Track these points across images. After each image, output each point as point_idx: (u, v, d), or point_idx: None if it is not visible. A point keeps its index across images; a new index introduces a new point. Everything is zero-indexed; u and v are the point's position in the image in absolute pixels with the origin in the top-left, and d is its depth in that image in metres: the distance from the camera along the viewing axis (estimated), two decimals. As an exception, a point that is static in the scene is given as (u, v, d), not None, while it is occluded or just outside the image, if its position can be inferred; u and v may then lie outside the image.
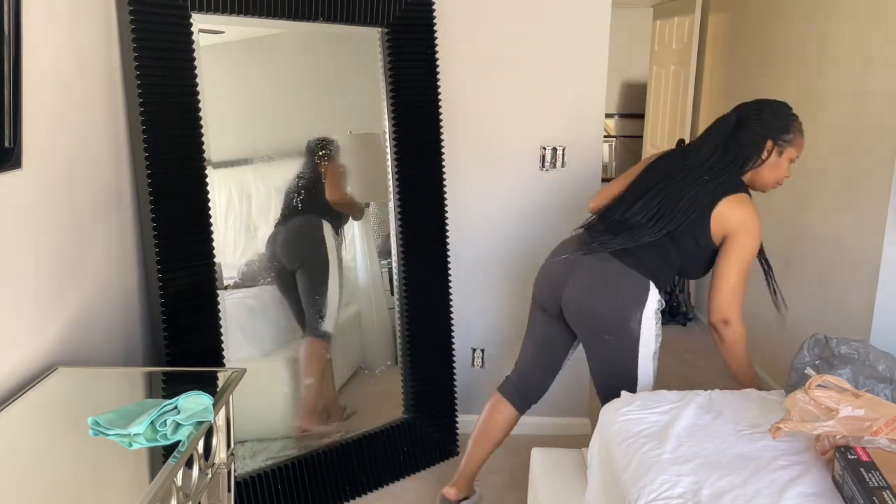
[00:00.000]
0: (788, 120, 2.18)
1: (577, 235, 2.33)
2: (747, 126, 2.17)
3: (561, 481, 2.24)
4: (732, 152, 2.16)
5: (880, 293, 2.76)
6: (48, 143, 1.77)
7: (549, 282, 2.34)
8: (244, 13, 2.34)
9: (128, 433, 1.41)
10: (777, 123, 2.17)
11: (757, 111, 2.21)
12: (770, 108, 2.23)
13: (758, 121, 2.18)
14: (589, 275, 2.22)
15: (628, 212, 2.18)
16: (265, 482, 2.49)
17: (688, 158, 2.21)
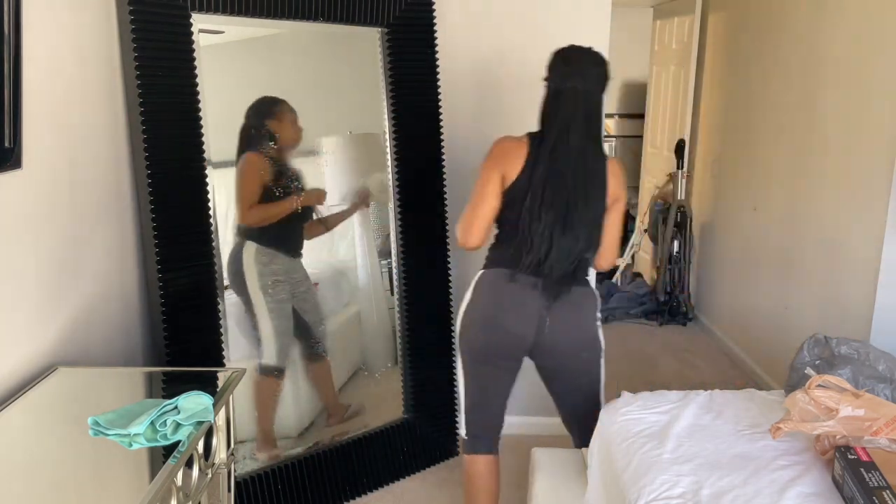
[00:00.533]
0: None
1: (520, 284, 2.05)
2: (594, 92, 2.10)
3: (561, 481, 2.24)
4: (595, 123, 2.11)
5: (880, 293, 2.76)
6: (48, 143, 1.77)
7: (513, 339, 2.10)
8: (244, 13, 2.34)
9: (128, 433, 1.41)
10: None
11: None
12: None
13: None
14: (567, 313, 2.09)
15: (563, 238, 2.00)
16: (265, 482, 2.49)
17: (562, 154, 2.03)
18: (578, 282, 2.11)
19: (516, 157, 2.02)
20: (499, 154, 2.05)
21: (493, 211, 2.04)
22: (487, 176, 2.03)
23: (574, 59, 2.07)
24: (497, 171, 2.02)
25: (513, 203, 2.03)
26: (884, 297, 2.75)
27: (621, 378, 3.88)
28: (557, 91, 2.06)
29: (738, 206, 4.21)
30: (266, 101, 2.52)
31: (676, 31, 5.08)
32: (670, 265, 4.76)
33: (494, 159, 2.05)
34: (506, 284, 2.05)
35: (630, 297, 4.94)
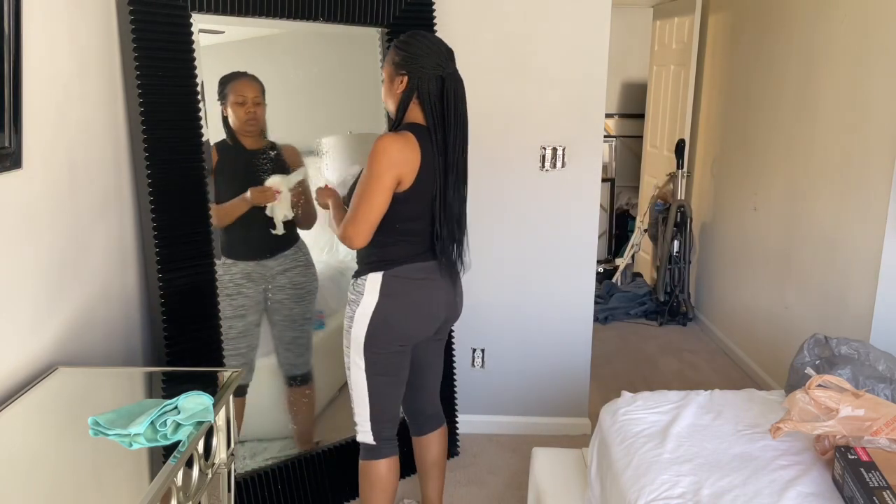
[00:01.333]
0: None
1: (431, 272, 2.11)
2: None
3: (561, 481, 2.24)
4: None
5: (880, 293, 2.76)
6: (48, 143, 1.76)
7: (435, 322, 2.19)
8: (244, 13, 2.34)
9: (128, 433, 1.41)
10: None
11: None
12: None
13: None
14: (460, 287, 2.25)
15: (460, 226, 2.14)
16: (265, 482, 2.49)
17: (451, 146, 2.04)
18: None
19: (412, 157, 1.98)
20: (395, 157, 1.96)
21: (383, 214, 2.01)
22: (384, 179, 1.95)
23: (442, 48, 2.02)
24: (394, 173, 1.96)
25: (416, 201, 2.03)
26: (884, 297, 2.76)
27: (621, 378, 3.88)
28: (441, 77, 1.99)
29: (738, 206, 4.21)
30: (221, 80, 2.37)
31: (676, 31, 5.08)
32: (670, 265, 4.76)
33: (391, 162, 1.96)
34: (422, 275, 2.10)
35: (630, 297, 4.94)
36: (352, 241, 2.01)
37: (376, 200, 1.97)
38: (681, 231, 4.71)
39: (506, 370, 3.20)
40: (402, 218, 2.04)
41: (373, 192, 1.97)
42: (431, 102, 2.00)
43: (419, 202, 2.04)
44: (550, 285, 3.12)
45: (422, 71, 1.99)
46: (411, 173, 1.98)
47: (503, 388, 3.21)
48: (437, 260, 2.10)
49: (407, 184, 1.99)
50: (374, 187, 1.96)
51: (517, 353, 3.18)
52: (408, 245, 2.08)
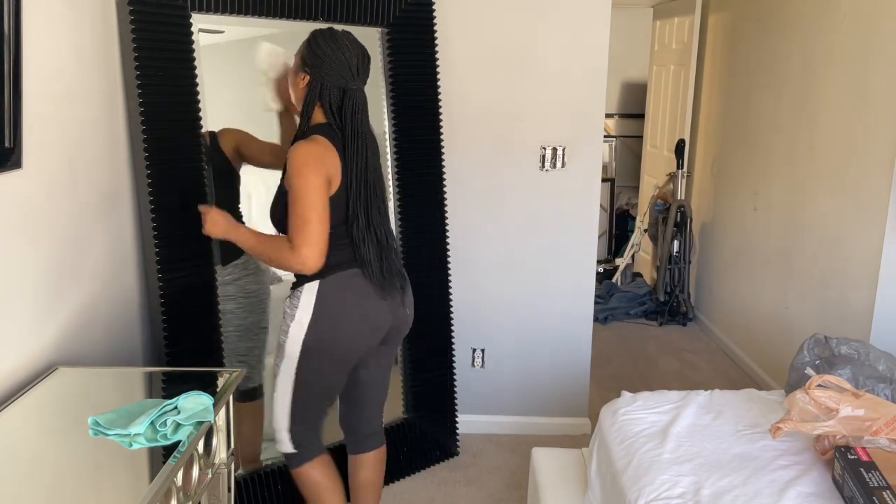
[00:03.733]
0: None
1: (370, 279, 2.00)
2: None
3: (561, 481, 2.24)
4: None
5: (880, 293, 2.76)
6: (48, 143, 1.77)
7: (373, 329, 2.05)
8: (244, 13, 2.34)
9: (128, 433, 1.41)
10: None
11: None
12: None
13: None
14: (408, 295, 2.15)
15: (386, 230, 2.05)
16: (265, 482, 2.49)
17: (361, 150, 1.98)
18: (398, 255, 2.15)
19: (334, 158, 1.91)
20: (319, 161, 1.88)
21: (328, 223, 1.92)
22: (318, 187, 1.86)
23: (353, 58, 1.93)
24: (324, 177, 1.88)
25: (337, 207, 1.94)
26: (884, 297, 2.76)
27: (621, 378, 3.88)
28: (344, 91, 1.93)
29: (738, 206, 4.21)
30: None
31: (676, 31, 5.08)
32: (670, 265, 4.76)
33: (318, 168, 1.87)
34: (360, 283, 1.99)
35: (630, 297, 4.94)
36: (307, 263, 1.86)
37: (321, 211, 1.86)
38: (681, 231, 4.71)
39: (506, 370, 3.20)
40: (336, 221, 1.94)
41: (314, 204, 1.85)
42: (332, 111, 1.94)
43: (343, 205, 1.96)
44: (550, 285, 3.12)
45: (324, 77, 1.92)
46: (337, 175, 1.92)
47: (503, 388, 3.21)
48: (369, 266, 1.99)
49: (334, 187, 1.92)
50: (313, 198, 1.85)
51: (517, 353, 3.18)
52: (344, 250, 1.98)
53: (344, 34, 1.96)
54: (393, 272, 2.06)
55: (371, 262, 1.99)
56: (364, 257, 1.98)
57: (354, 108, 1.95)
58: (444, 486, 2.82)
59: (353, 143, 1.94)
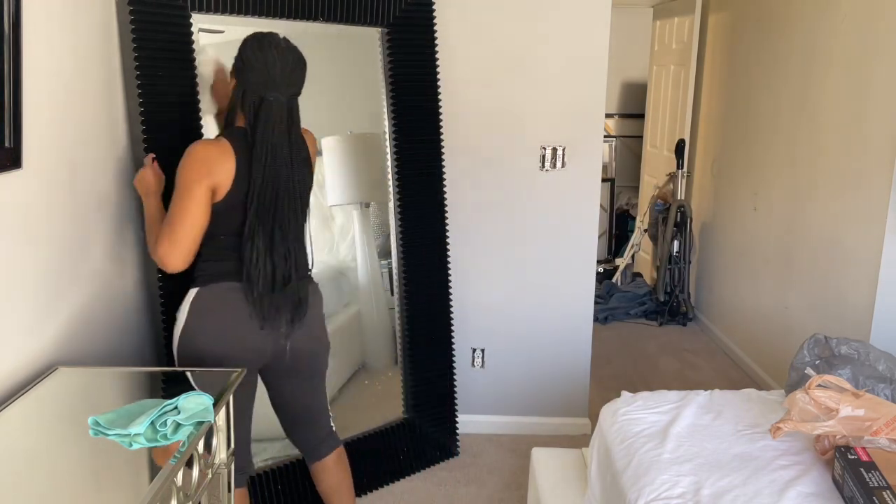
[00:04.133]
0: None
1: (241, 294, 1.89)
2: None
3: (561, 481, 2.24)
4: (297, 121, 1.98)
5: (880, 293, 2.76)
6: (48, 143, 1.76)
7: (255, 354, 1.95)
8: (244, 13, 2.34)
9: (128, 433, 1.41)
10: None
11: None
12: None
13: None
14: (307, 316, 2.01)
15: (284, 249, 1.91)
16: (265, 482, 2.49)
17: (271, 164, 1.88)
18: (309, 280, 2.04)
19: (226, 165, 1.84)
20: (205, 165, 1.82)
21: (203, 229, 1.85)
22: (194, 191, 1.80)
23: (276, 65, 1.86)
24: (206, 182, 1.81)
25: (235, 213, 1.87)
26: (884, 297, 2.76)
27: (621, 378, 3.88)
28: (262, 98, 1.86)
29: (738, 206, 4.21)
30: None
31: (676, 31, 5.08)
32: (670, 265, 4.76)
33: (202, 171, 1.81)
34: (237, 300, 1.89)
35: (630, 297, 4.94)
36: (165, 262, 1.82)
37: (193, 212, 1.80)
38: (681, 231, 4.71)
39: (506, 370, 3.20)
40: (224, 230, 1.88)
41: (186, 206, 1.80)
42: (250, 120, 1.88)
43: (240, 214, 1.87)
44: (550, 285, 3.12)
45: (246, 83, 1.88)
46: (226, 182, 1.84)
47: (503, 388, 3.21)
48: (251, 286, 1.87)
49: (222, 193, 1.84)
50: (186, 200, 1.80)
51: (517, 353, 3.18)
52: (229, 262, 1.89)
53: (276, 40, 1.89)
54: (285, 299, 1.92)
55: (258, 282, 1.87)
56: (251, 276, 1.87)
57: (268, 117, 1.85)
58: (444, 486, 2.82)
59: (260, 154, 1.85)
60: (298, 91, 1.94)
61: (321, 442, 2.20)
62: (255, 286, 1.88)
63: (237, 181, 1.85)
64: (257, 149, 1.85)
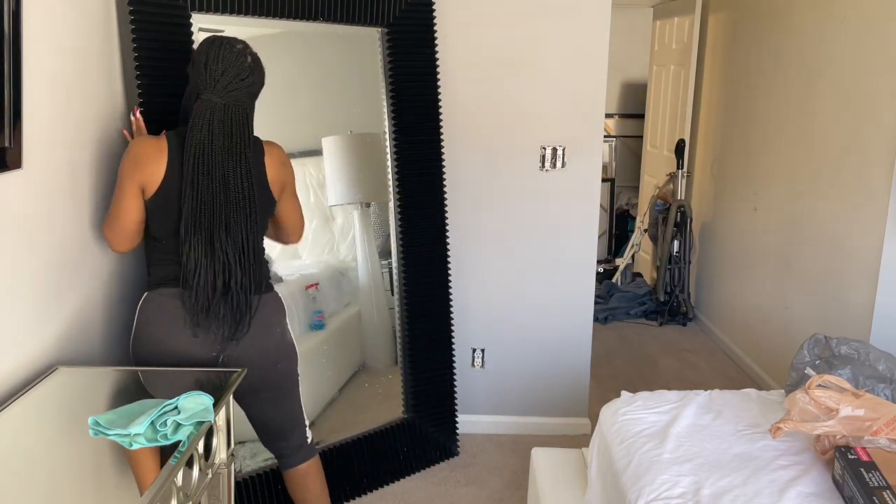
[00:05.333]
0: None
1: (179, 300, 1.86)
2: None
3: (561, 481, 2.24)
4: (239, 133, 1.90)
5: (880, 293, 2.76)
6: (48, 143, 1.76)
7: (180, 362, 1.88)
8: (244, 13, 2.34)
9: (128, 433, 1.41)
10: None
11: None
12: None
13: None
14: (253, 326, 1.92)
15: (214, 259, 1.84)
16: (265, 482, 2.49)
17: (201, 169, 1.83)
18: (260, 292, 1.95)
19: (156, 163, 1.82)
20: (135, 160, 1.82)
21: (136, 222, 1.85)
22: (124, 183, 1.81)
23: (218, 67, 1.82)
24: (136, 178, 1.81)
25: (166, 214, 1.84)
26: (884, 297, 2.76)
27: (621, 378, 3.88)
28: (198, 97, 1.83)
29: (738, 206, 4.21)
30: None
31: (676, 31, 5.08)
32: (670, 265, 4.76)
33: (132, 164, 1.82)
34: (174, 306, 1.85)
35: (630, 297, 4.94)
36: (109, 243, 1.89)
37: (123, 205, 1.83)
38: (681, 231, 4.71)
39: (506, 370, 3.20)
40: (163, 232, 1.86)
41: (118, 199, 1.84)
42: (187, 119, 1.85)
43: (174, 216, 1.84)
44: (550, 285, 3.12)
45: (191, 82, 1.87)
46: (154, 180, 1.82)
47: (503, 388, 3.21)
48: (187, 292, 1.83)
49: (150, 191, 1.82)
50: (118, 193, 1.84)
51: (517, 353, 3.18)
52: (171, 267, 1.87)
53: (228, 44, 1.86)
54: (225, 309, 1.86)
55: (193, 288, 1.83)
56: (188, 281, 1.83)
57: (200, 118, 1.82)
58: (444, 486, 2.82)
59: (188, 155, 1.81)
60: (243, 99, 1.87)
61: (292, 453, 2.15)
62: (190, 292, 1.83)
63: (167, 180, 1.82)
64: (186, 149, 1.82)
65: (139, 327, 1.90)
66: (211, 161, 1.82)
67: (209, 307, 1.84)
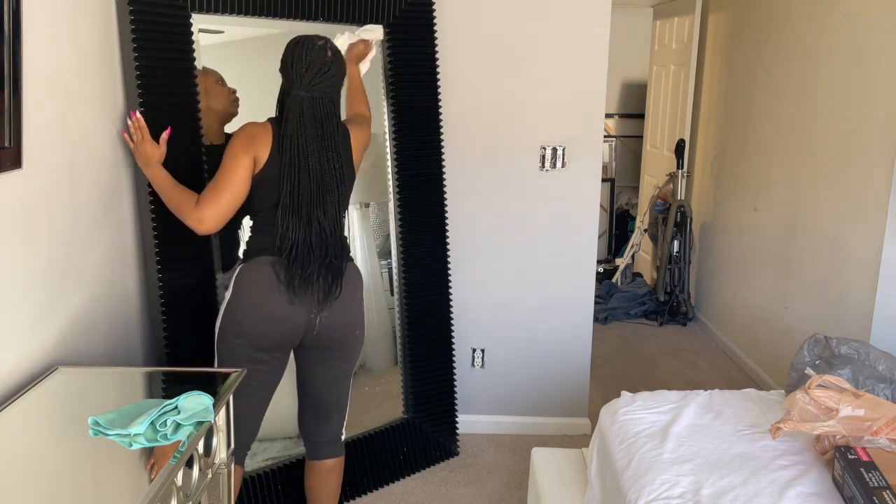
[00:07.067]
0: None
1: (278, 267, 1.98)
2: None
3: (561, 481, 2.24)
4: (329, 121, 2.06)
5: (880, 293, 2.76)
6: (48, 143, 1.76)
7: (288, 327, 2.01)
8: (244, 13, 2.34)
9: (128, 433, 1.41)
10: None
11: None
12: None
13: None
14: (342, 292, 2.05)
15: (311, 228, 1.99)
16: (265, 482, 2.49)
17: (298, 154, 1.99)
18: (346, 258, 2.09)
19: (265, 138, 1.98)
20: (247, 137, 1.98)
21: (244, 193, 1.98)
22: (239, 157, 1.96)
23: (302, 64, 1.98)
24: (249, 152, 1.96)
25: (267, 190, 1.99)
26: (884, 297, 2.76)
27: (621, 378, 3.88)
28: (288, 94, 2.00)
29: (738, 206, 4.21)
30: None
31: (676, 31, 5.08)
32: (670, 265, 4.76)
33: (245, 141, 1.97)
34: (269, 274, 1.98)
35: (630, 297, 4.94)
36: (205, 222, 1.96)
37: (235, 177, 1.94)
38: (681, 231, 4.71)
39: (506, 370, 3.20)
40: (263, 206, 2.00)
41: (230, 171, 1.95)
42: (281, 112, 2.02)
43: (276, 191, 1.98)
44: (550, 285, 3.12)
45: (285, 79, 2.02)
46: (264, 155, 1.97)
47: (503, 388, 3.21)
48: (282, 256, 1.97)
49: (260, 164, 1.97)
50: (231, 166, 1.95)
51: (517, 353, 3.18)
52: (267, 237, 2.00)
53: (310, 42, 2.01)
54: (318, 274, 2.00)
55: (291, 254, 1.97)
56: (283, 246, 1.97)
57: (291, 112, 1.98)
58: (444, 486, 2.82)
59: (286, 145, 1.96)
60: (328, 91, 2.02)
61: (325, 445, 2.23)
62: (289, 258, 1.97)
63: (272, 156, 1.98)
64: (283, 139, 1.98)
65: (236, 293, 2.00)
66: (306, 149, 1.98)
67: (307, 275, 1.98)
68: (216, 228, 1.99)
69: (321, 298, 2.02)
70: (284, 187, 1.96)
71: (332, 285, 2.03)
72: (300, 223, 1.98)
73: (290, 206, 1.97)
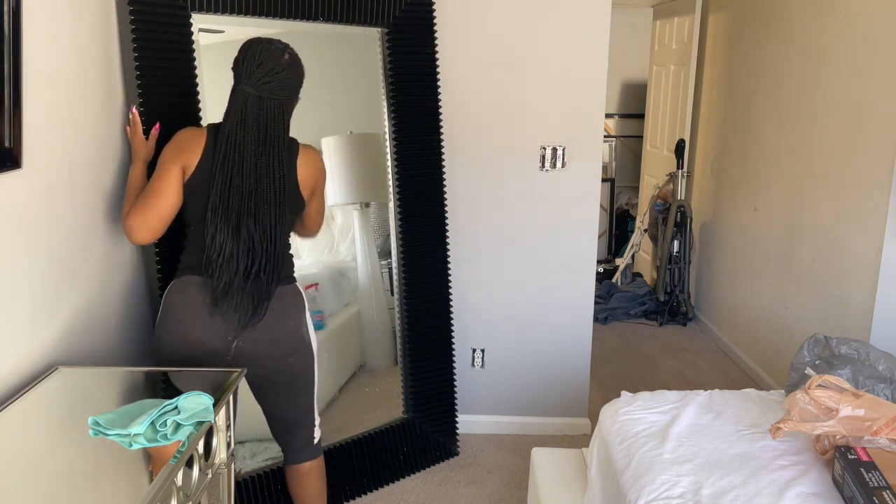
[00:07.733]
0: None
1: (201, 287, 1.90)
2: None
3: (561, 481, 2.24)
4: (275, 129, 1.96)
5: (880, 293, 2.76)
6: (48, 143, 1.76)
7: (208, 353, 1.91)
8: (244, 13, 2.34)
9: (128, 433, 1.41)
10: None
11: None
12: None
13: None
14: (267, 317, 1.93)
15: (239, 245, 1.88)
16: (265, 482, 2.49)
17: (233, 160, 1.89)
18: (280, 282, 1.96)
19: (194, 147, 1.89)
20: (177, 145, 1.90)
21: (173, 205, 1.88)
22: (167, 166, 1.88)
23: (254, 61, 1.89)
24: (179, 161, 1.88)
25: (197, 199, 1.89)
26: (884, 297, 2.76)
27: (621, 378, 3.88)
28: (234, 90, 1.92)
29: (738, 206, 4.21)
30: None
31: (676, 31, 5.08)
32: (670, 265, 4.76)
33: (175, 148, 1.89)
34: (194, 292, 1.90)
35: (630, 297, 4.94)
36: (132, 231, 1.86)
37: (163, 187, 1.86)
38: (681, 231, 4.71)
39: (506, 370, 3.20)
40: (194, 218, 1.91)
41: (158, 178, 1.87)
42: (226, 109, 1.93)
43: (206, 200, 1.88)
44: (550, 285, 3.12)
45: (234, 75, 1.93)
46: (193, 161, 1.88)
47: (503, 388, 3.21)
48: (211, 278, 1.86)
49: (189, 172, 1.88)
50: (159, 174, 1.88)
51: (517, 353, 3.18)
52: (197, 254, 1.90)
53: (269, 42, 1.92)
54: (242, 294, 1.88)
55: (216, 266, 1.86)
56: (210, 260, 1.86)
57: (234, 106, 1.89)
58: (444, 486, 2.82)
59: (221, 142, 1.88)
60: (278, 94, 1.92)
61: (297, 450, 2.17)
62: (214, 271, 1.86)
63: (202, 165, 1.89)
64: (218, 136, 1.90)
65: (164, 312, 1.95)
66: (243, 150, 1.88)
67: (229, 288, 1.87)
68: (149, 239, 1.90)
69: (242, 321, 1.89)
70: (215, 184, 1.86)
71: (257, 306, 1.90)
72: (228, 228, 1.86)
73: (220, 206, 1.86)
